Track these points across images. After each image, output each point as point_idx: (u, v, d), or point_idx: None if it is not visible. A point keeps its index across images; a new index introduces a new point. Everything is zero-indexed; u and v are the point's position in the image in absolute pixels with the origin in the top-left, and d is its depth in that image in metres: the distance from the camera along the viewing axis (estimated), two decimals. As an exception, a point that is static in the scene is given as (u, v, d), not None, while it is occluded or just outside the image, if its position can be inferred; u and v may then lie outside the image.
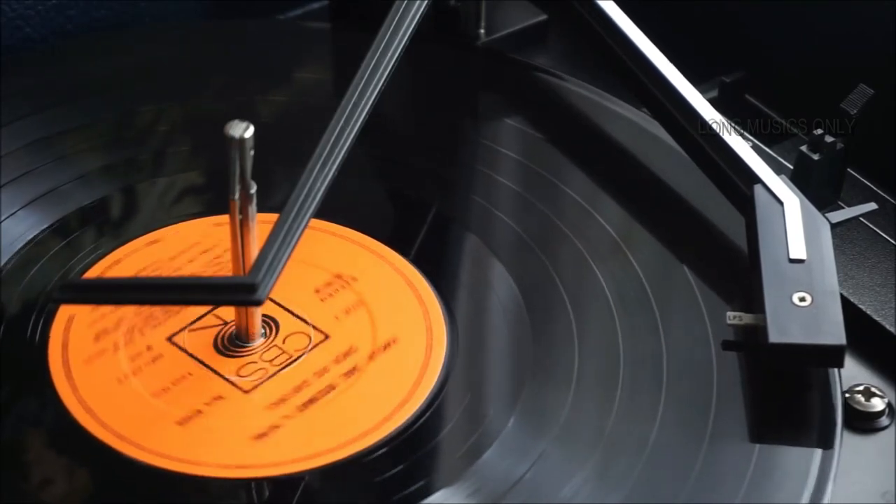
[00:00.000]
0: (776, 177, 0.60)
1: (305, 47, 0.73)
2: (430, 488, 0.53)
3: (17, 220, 0.62)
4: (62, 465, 0.54)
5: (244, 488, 0.53)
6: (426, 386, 0.56)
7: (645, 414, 0.55)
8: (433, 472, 0.54)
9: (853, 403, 0.58)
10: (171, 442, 0.54)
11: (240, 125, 0.53)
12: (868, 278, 0.62)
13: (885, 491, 0.55)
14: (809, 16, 0.71)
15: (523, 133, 0.68)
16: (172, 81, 0.70)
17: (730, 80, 0.71)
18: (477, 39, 0.73)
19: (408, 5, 0.62)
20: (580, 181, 0.65)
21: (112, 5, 0.74)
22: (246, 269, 0.55)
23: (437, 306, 0.60)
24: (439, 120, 0.69)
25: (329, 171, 0.56)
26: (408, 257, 0.62)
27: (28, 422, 0.55)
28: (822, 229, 0.58)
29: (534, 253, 0.62)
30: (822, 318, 0.55)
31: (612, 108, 0.68)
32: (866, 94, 0.62)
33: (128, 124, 0.67)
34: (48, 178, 0.64)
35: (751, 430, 0.55)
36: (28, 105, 0.67)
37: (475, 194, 0.65)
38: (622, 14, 0.66)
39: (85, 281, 0.58)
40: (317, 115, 0.60)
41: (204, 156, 0.66)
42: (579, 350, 0.58)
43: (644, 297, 0.60)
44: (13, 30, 0.72)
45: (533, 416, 0.55)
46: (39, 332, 0.58)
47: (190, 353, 0.57)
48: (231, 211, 0.55)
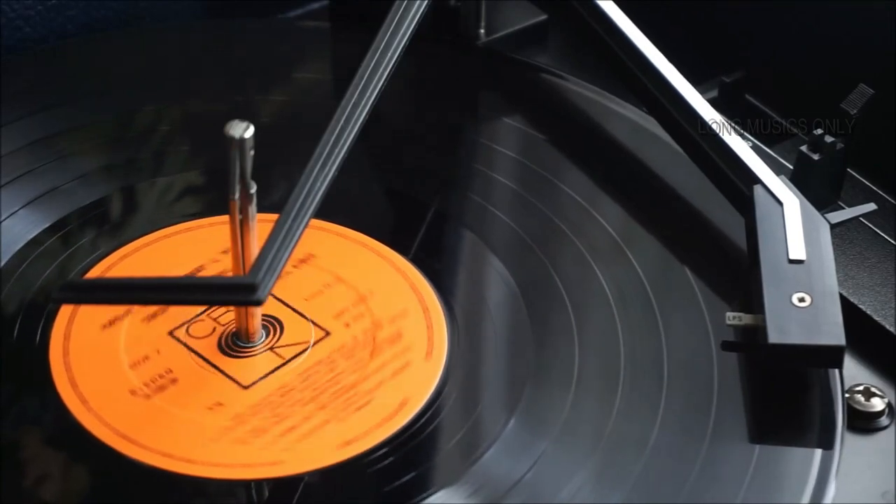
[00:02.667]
0: (776, 177, 0.60)
1: (305, 47, 0.73)
2: (430, 488, 0.53)
3: (17, 220, 0.62)
4: (63, 464, 0.54)
5: (244, 488, 0.53)
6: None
7: (645, 414, 0.55)
8: (433, 473, 0.54)
9: (853, 403, 0.58)
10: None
11: (240, 125, 0.53)
12: (868, 278, 0.62)
13: (885, 491, 0.55)
14: (809, 16, 0.71)
15: (523, 133, 0.68)
16: (172, 81, 0.70)
17: (730, 80, 0.71)
18: (477, 39, 0.74)
19: (408, 5, 0.62)
20: (580, 181, 0.65)
21: (112, 5, 0.74)
22: (246, 269, 0.55)
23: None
24: (439, 120, 0.69)
25: (329, 171, 0.56)
26: (408, 257, 0.62)
27: (29, 421, 0.55)
28: (821, 230, 0.58)
29: (534, 253, 0.62)
30: (821, 319, 0.55)
31: (612, 107, 0.68)
32: (866, 94, 0.62)
33: (128, 124, 0.67)
34: (48, 178, 0.64)
35: (751, 431, 0.55)
36: (28, 105, 0.67)
37: (475, 194, 0.65)
38: (622, 14, 0.66)
39: (85, 281, 0.58)
40: (317, 115, 0.60)
41: (204, 156, 0.66)
42: (579, 350, 0.58)
43: (644, 296, 0.60)
44: (13, 30, 0.72)
45: (533, 416, 0.55)
46: (40, 332, 0.58)
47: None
48: (231, 211, 0.55)
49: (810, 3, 0.70)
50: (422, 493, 0.53)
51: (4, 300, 0.59)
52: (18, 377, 0.56)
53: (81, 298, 0.55)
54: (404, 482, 0.53)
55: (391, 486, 0.53)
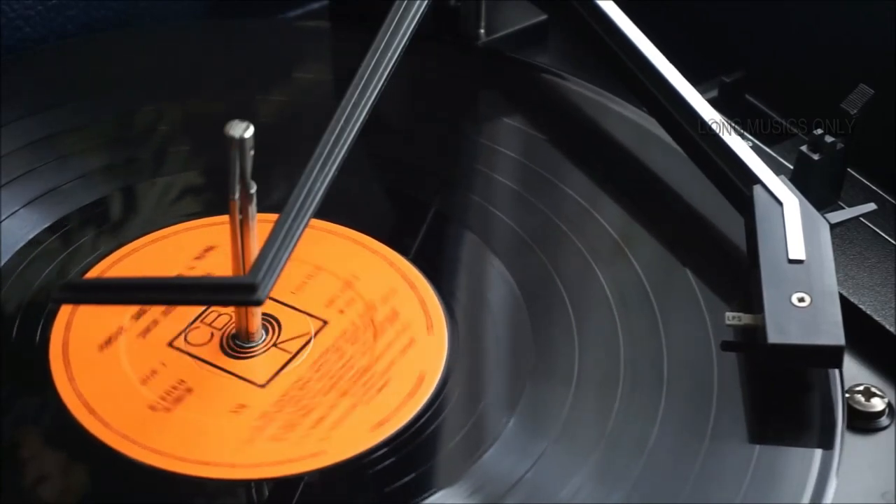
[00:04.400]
0: (775, 177, 0.60)
1: (305, 47, 0.73)
2: (430, 488, 0.53)
3: (17, 220, 0.62)
4: (63, 464, 0.54)
5: (244, 488, 0.53)
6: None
7: (645, 414, 0.55)
8: (433, 473, 0.54)
9: (853, 403, 0.58)
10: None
11: (240, 125, 0.53)
12: (868, 278, 0.62)
13: (885, 491, 0.55)
14: (809, 16, 0.71)
15: (523, 132, 0.68)
16: (172, 81, 0.70)
17: (730, 80, 0.71)
18: (477, 39, 0.74)
19: (408, 5, 0.62)
20: (580, 181, 0.65)
21: (112, 5, 0.74)
22: (246, 269, 0.55)
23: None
24: (439, 120, 0.69)
25: (329, 171, 0.56)
26: (408, 257, 0.62)
27: (29, 421, 0.55)
28: (821, 230, 0.58)
29: (534, 253, 0.62)
30: (820, 319, 0.55)
31: (612, 107, 0.68)
32: (866, 94, 0.62)
33: (128, 124, 0.67)
34: (48, 178, 0.64)
35: (751, 431, 0.55)
36: (28, 105, 0.67)
37: (475, 194, 0.65)
38: (622, 14, 0.66)
39: (85, 281, 0.58)
40: (317, 115, 0.60)
41: (204, 156, 0.66)
42: (579, 350, 0.58)
43: (644, 296, 0.60)
44: (13, 30, 0.72)
45: (533, 416, 0.55)
46: (40, 332, 0.58)
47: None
48: (231, 211, 0.55)
49: (810, 4, 0.70)
50: (421, 493, 0.53)
51: (4, 300, 0.59)
52: (18, 377, 0.56)
53: (81, 298, 0.55)
54: (404, 483, 0.53)
55: (391, 487, 0.53)
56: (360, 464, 0.54)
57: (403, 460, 0.54)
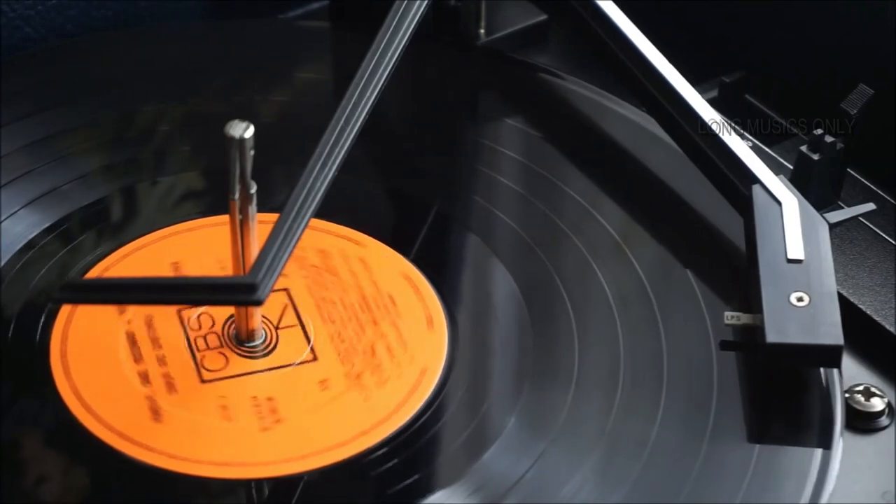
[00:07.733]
0: (775, 177, 0.60)
1: (305, 47, 0.73)
2: (430, 488, 0.53)
3: (17, 220, 0.62)
4: (62, 464, 0.54)
5: (244, 488, 0.53)
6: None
7: (645, 414, 0.55)
8: (433, 472, 0.54)
9: (853, 403, 0.58)
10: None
11: (240, 125, 0.53)
12: (868, 278, 0.62)
13: (885, 491, 0.55)
14: (809, 16, 0.71)
15: (523, 133, 0.68)
16: (172, 81, 0.70)
17: (730, 80, 0.71)
18: (477, 39, 0.73)
19: (408, 5, 0.62)
20: (580, 181, 0.65)
21: (112, 5, 0.74)
22: (246, 269, 0.55)
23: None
24: (439, 120, 0.69)
25: (329, 171, 0.56)
26: (408, 257, 0.62)
27: (29, 421, 0.55)
28: (820, 229, 0.58)
29: (534, 253, 0.62)
30: (819, 319, 0.55)
31: (612, 107, 0.68)
32: (866, 94, 0.62)
33: (128, 124, 0.67)
34: (48, 178, 0.64)
35: (751, 430, 0.55)
36: (28, 105, 0.67)
37: (475, 194, 0.65)
38: (622, 14, 0.66)
39: (85, 281, 0.58)
40: (317, 115, 0.60)
41: (204, 156, 0.66)
42: (579, 350, 0.58)
43: (644, 296, 0.60)
44: (13, 30, 0.72)
45: (533, 415, 0.55)
46: (40, 332, 0.58)
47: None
48: (231, 211, 0.55)
49: (810, 4, 0.71)
50: (422, 493, 0.53)
51: (4, 300, 0.59)
52: (18, 377, 0.56)
53: (81, 298, 0.55)
54: (404, 482, 0.53)
55: (391, 487, 0.53)
56: (360, 463, 0.54)
57: (403, 460, 0.54)
